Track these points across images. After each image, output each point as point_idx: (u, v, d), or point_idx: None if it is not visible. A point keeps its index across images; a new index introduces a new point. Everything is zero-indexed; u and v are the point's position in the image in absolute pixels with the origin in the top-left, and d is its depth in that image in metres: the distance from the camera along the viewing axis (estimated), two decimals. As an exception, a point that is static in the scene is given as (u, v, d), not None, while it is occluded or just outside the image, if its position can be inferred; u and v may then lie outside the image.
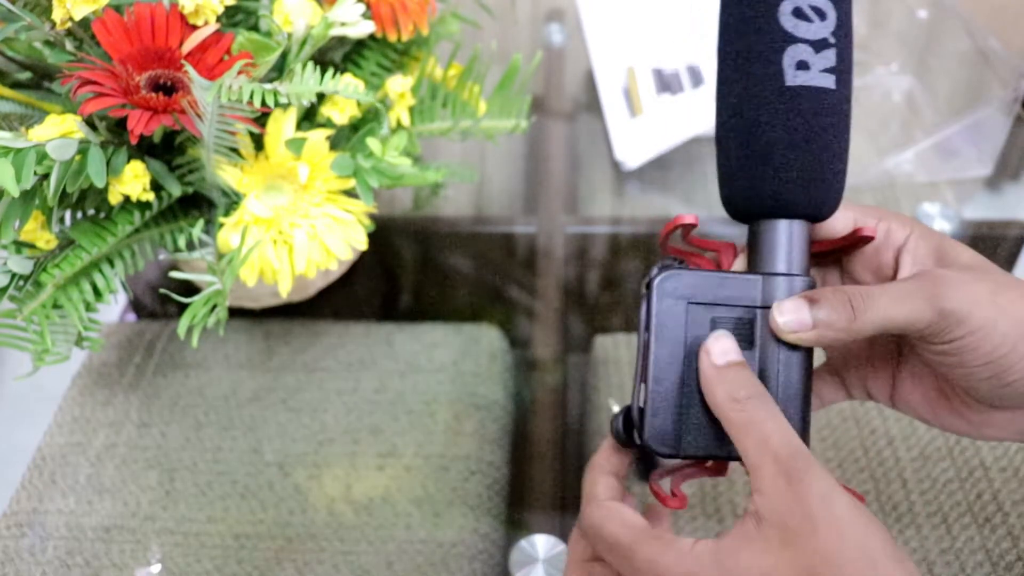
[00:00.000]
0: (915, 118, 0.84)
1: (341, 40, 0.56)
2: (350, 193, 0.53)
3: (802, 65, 0.30)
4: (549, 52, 0.95)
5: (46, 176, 0.45)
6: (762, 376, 0.33)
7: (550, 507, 0.54)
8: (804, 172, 0.31)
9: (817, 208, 0.33)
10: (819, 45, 0.30)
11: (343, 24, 0.52)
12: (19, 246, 0.49)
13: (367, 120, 0.55)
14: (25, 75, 0.53)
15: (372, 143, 0.51)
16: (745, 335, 0.33)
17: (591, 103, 0.88)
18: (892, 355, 0.37)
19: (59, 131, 0.47)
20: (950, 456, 0.54)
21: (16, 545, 0.52)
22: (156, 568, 0.50)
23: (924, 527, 0.51)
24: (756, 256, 0.34)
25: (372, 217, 0.54)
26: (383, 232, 0.73)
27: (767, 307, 0.33)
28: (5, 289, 0.49)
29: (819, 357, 0.38)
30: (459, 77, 0.60)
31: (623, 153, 0.73)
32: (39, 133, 0.46)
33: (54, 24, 0.50)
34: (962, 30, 0.79)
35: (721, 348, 0.32)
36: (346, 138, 0.55)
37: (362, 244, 0.53)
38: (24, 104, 0.51)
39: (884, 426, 0.56)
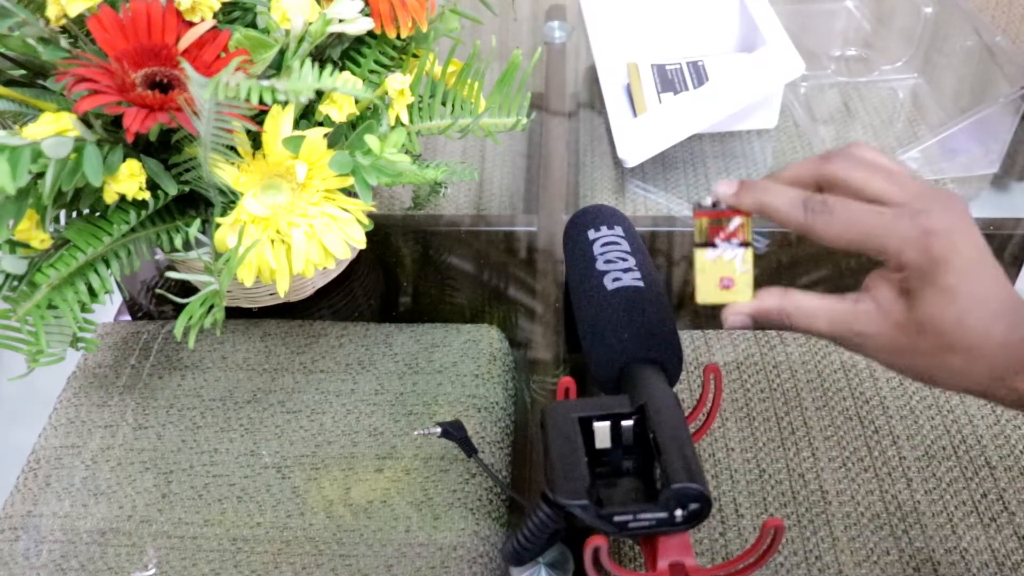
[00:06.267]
0: (921, 116, 0.83)
1: (339, 37, 0.55)
2: (349, 192, 0.52)
3: (616, 279, 0.49)
4: (550, 49, 0.95)
5: (41, 175, 0.45)
6: (643, 451, 0.41)
7: (551, 509, 0.54)
8: (634, 332, 0.46)
9: (657, 356, 0.45)
10: (626, 270, 0.50)
11: (341, 21, 0.51)
12: (13, 245, 0.49)
13: (365, 118, 0.55)
14: (19, 72, 0.53)
15: (371, 140, 0.50)
16: (616, 434, 0.41)
17: (592, 100, 0.87)
18: None
19: (54, 129, 0.46)
20: (955, 455, 0.54)
21: (10, 548, 0.52)
22: (152, 572, 0.50)
23: (929, 527, 0.50)
24: (623, 387, 0.44)
25: (371, 216, 0.54)
26: (382, 231, 0.72)
27: (634, 413, 0.41)
28: (-1, 289, 0.49)
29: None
30: (459, 74, 0.59)
31: (625, 151, 0.73)
32: (34, 131, 0.46)
33: (49, 20, 0.49)
34: (968, 26, 0.79)
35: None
36: (344, 136, 0.54)
37: (361, 243, 0.52)
38: (18, 102, 0.51)
39: (888, 424, 0.55)
